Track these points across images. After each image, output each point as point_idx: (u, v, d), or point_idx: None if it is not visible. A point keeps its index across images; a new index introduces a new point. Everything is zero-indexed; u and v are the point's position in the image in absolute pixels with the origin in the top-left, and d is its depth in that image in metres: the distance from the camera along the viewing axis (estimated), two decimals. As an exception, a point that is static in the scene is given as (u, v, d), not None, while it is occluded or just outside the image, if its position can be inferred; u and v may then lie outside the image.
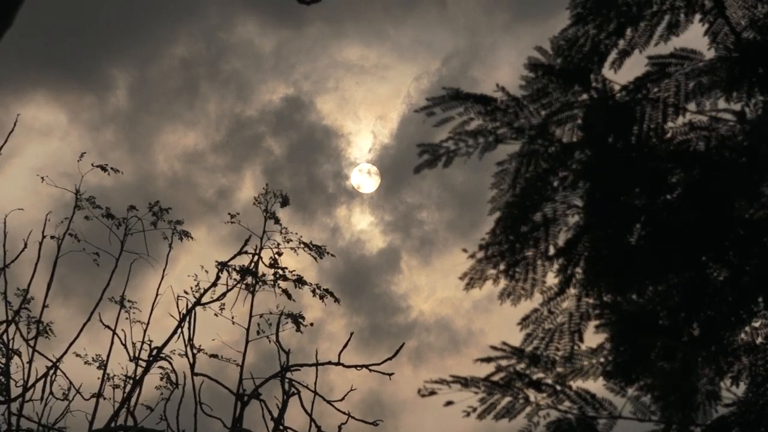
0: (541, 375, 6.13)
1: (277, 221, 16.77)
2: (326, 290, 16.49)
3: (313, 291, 16.45)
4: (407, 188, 24.37)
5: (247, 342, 16.35)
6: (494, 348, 6.10)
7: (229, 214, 16.71)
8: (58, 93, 23.94)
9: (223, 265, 16.34)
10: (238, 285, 16.32)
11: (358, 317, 21.87)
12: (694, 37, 6.36)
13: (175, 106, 24.27)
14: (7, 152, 19.40)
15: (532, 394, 6.08)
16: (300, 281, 16.43)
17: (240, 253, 16.47)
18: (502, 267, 6.20)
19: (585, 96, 6.15)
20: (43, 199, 16.75)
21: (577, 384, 6.13)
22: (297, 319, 16.27)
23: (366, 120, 24.63)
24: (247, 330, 16.40)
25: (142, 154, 23.25)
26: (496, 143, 6.08)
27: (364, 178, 19.81)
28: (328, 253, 16.77)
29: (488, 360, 6.04)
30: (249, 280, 16.39)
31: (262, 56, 24.90)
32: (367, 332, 21.29)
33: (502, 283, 6.27)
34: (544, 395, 6.08)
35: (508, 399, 6.13)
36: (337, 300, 16.53)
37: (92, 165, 16.38)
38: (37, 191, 16.56)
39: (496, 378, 6.08)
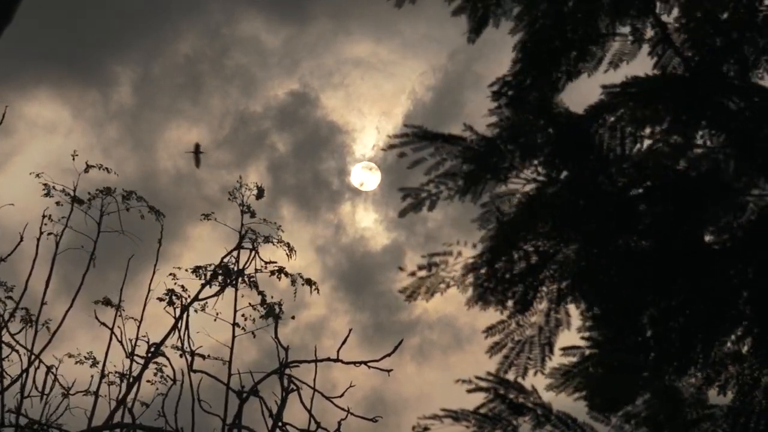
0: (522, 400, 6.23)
1: (252, 215, 16.69)
2: (308, 280, 16.43)
3: (293, 282, 16.36)
4: (411, 185, 24.30)
5: (233, 338, 16.34)
6: (479, 378, 6.22)
7: (203, 214, 16.65)
8: (62, 90, 23.87)
9: (199, 269, 16.27)
10: (228, 285, 16.27)
11: (362, 314, 21.83)
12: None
13: (179, 103, 24.21)
14: (10, 149, 19.34)
15: (520, 421, 6.18)
16: (281, 271, 16.36)
17: (230, 252, 16.43)
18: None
19: (551, 130, 6.22)
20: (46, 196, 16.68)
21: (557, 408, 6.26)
22: (273, 310, 16.17)
23: (370, 116, 24.56)
24: (233, 326, 16.37)
25: (146, 150, 23.20)
26: (475, 185, 6.16)
27: (366, 176, 19.73)
28: (293, 250, 16.64)
29: (477, 390, 6.17)
30: (228, 277, 16.32)
31: (266, 52, 24.83)
32: (370, 329, 21.25)
33: (470, 292, 6.37)
34: (531, 422, 6.18)
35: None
36: (317, 290, 16.46)
37: (86, 164, 16.37)
38: (40, 188, 16.50)
39: (484, 410, 6.18)
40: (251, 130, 23.56)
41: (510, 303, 6.29)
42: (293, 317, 16.42)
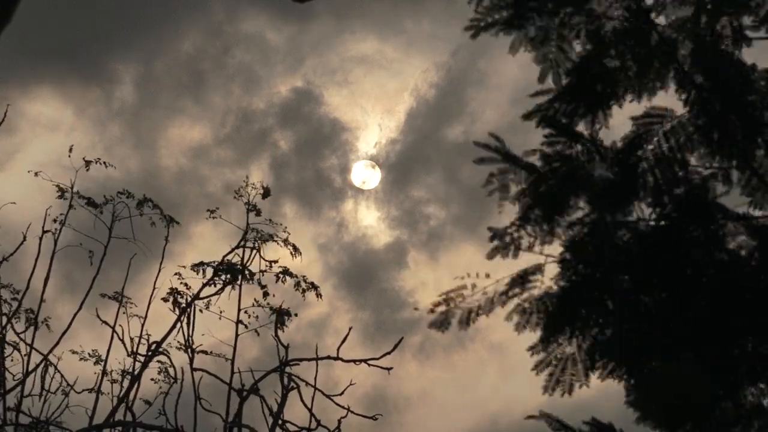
0: None
1: (258, 213, 16.72)
2: (311, 283, 16.44)
3: (297, 284, 16.39)
4: (413, 183, 24.29)
5: (236, 336, 16.36)
6: (587, 423, 6.46)
7: (208, 210, 16.68)
8: (63, 88, 23.84)
9: (200, 265, 16.29)
10: (232, 284, 16.28)
11: (364, 312, 21.81)
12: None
13: (182, 101, 24.18)
14: (12, 147, 19.32)
15: None
16: (286, 273, 16.39)
17: (234, 250, 16.46)
18: None
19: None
20: (48, 194, 16.71)
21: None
22: (282, 316, 16.18)
23: (373, 113, 24.50)
24: (236, 325, 16.41)
25: (148, 148, 23.17)
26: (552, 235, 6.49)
27: (368, 174, 19.71)
28: (298, 251, 16.67)
29: None
30: (232, 276, 16.34)
31: (269, 50, 24.80)
32: (372, 327, 21.23)
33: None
34: None
35: None
36: (319, 295, 16.48)
37: (84, 159, 16.39)
38: (42, 187, 16.52)
39: None
40: (254, 128, 23.55)
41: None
42: (296, 314, 16.44)
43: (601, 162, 6.54)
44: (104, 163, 16.41)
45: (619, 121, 6.71)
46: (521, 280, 6.59)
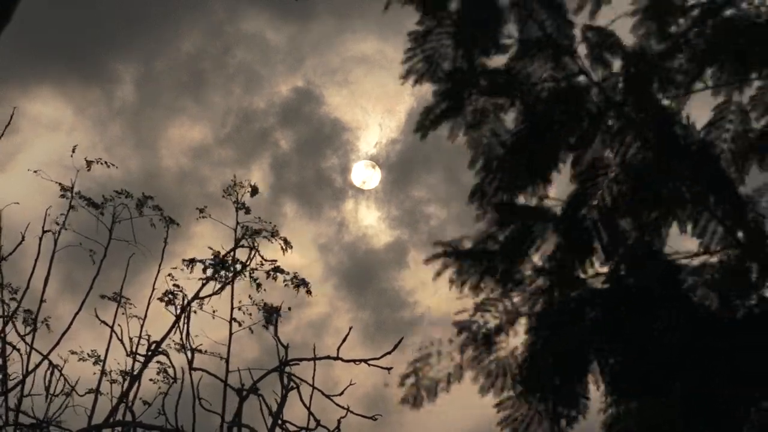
0: None
1: (247, 212, 16.78)
2: (302, 280, 16.49)
3: (290, 280, 16.43)
4: (414, 183, 24.28)
5: (230, 335, 16.39)
6: None
7: (197, 209, 16.75)
8: (64, 88, 23.86)
9: (192, 261, 16.33)
10: (230, 281, 16.32)
11: (364, 312, 21.81)
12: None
13: (182, 100, 24.20)
14: (13, 148, 19.35)
15: None
16: (276, 270, 16.43)
17: (230, 251, 16.50)
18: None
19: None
20: (48, 194, 16.75)
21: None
22: (272, 314, 16.23)
23: (374, 113, 24.51)
24: (230, 323, 16.46)
25: (149, 148, 23.19)
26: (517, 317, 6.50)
27: (368, 174, 19.72)
28: (289, 245, 16.72)
29: None
30: (225, 273, 16.40)
31: (270, 50, 24.82)
32: (372, 327, 21.24)
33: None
34: None
35: None
36: (309, 292, 16.53)
37: (86, 160, 16.43)
38: (43, 187, 16.56)
39: None
40: (254, 128, 23.57)
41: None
42: (289, 308, 16.48)
43: (549, 226, 6.58)
44: (106, 162, 16.49)
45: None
46: (486, 341, 6.59)
